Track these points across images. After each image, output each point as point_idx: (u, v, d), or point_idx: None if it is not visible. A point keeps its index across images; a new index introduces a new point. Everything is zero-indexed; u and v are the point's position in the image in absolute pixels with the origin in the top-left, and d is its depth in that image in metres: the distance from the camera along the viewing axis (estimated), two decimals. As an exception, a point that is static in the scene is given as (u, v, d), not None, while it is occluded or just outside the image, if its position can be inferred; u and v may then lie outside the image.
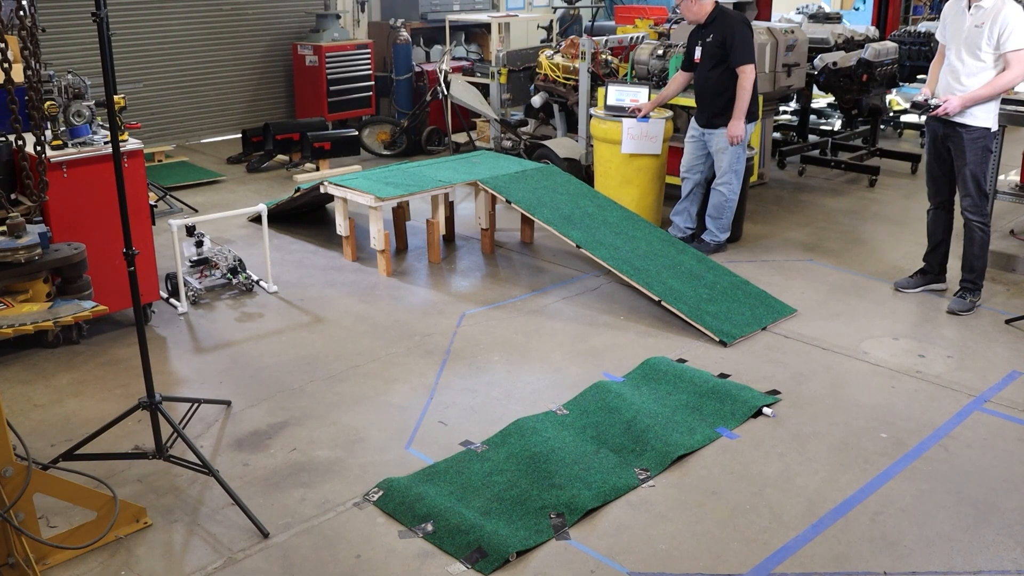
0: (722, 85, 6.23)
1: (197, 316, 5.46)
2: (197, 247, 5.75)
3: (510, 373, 4.75)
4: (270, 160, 8.83)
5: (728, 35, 6.15)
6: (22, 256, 4.06)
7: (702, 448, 4.05)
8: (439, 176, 6.40)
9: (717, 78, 6.24)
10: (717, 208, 6.44)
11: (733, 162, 6.31)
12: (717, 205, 6.43)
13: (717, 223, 6.48)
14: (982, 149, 5.29)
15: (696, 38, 6.37)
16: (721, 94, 6.24)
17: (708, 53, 6.25)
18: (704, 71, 6.31)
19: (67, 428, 4.18)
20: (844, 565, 3.32)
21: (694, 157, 6.52)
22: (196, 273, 5.73)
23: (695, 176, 6.55)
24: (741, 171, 6.41)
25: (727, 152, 6.29)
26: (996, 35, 5.05)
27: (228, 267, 5.79)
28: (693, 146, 6.51)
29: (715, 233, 6.50)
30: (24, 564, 3.06)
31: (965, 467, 3.93)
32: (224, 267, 5.79)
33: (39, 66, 4.13)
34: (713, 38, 6.21)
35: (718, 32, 6.19)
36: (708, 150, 6.45)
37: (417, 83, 9.88)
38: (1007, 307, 5.60)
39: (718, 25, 6.22)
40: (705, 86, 6.33)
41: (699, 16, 6.27)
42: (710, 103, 6.32)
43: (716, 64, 6.22)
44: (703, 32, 6.29)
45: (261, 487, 3.76)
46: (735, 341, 5.10)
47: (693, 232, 6.65)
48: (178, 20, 9.43)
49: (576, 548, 3.40)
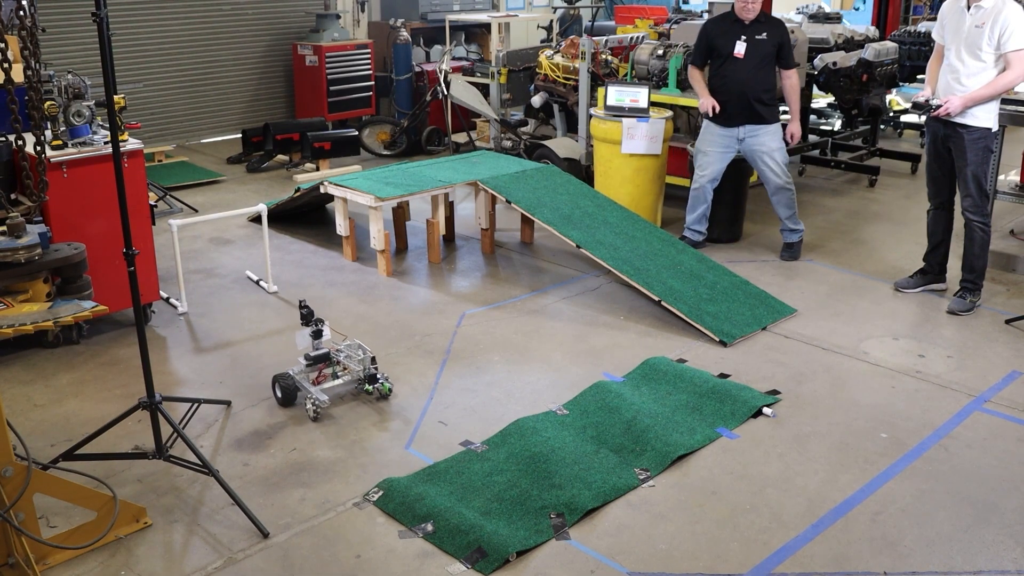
0: (768, 83, 6.23)
1: (197, 316, 5.46)
2: (315, 337, 4.40)
3: (510, 373, 4.75)
4: (270, 160, 8.84)
5: (785, 38, 6.20)
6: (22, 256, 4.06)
7: (702, 448, 4.05)
8: (439, 176, 6.40)
9: (767, 76, 6.23)
10: (791, 202, 6.40)
11: (785, 157, 6.34)
12: (790, 199, 6.38)
13: (794, 219, 6.46)
14: (983, 149, 5.29)
15: (737, 34, 6.24)
16: (767, 92, 6.23)
17: (758, 51, 6.18)
18: (748, 68, 6.21)
19: (67, 428, 4.18)
20: (844, 565, 3.32)
21: (722, 169, 6.40)
22: (313, 372, 4.42)
23: (716, 183, 6.46)
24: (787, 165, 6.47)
25: (780, 151, 6.29)
26: (997, 35, 5.05)
27: (363, 371, 4.43)
28: (724, 155, 6.36)
29: (795, 232, 6.46)
30: (24, 564, 3.06)
31: (965, 467, 3.93)
32: (357, 369, 4.44)
33: (39, 66, 4.13)
34: (768, 37, 6.18)
35: (774, 33, 6.19)
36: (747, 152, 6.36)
37: (417, 83, 9.88)
38: (1007, 307, 5.60)
39: (771, 26, 6.22)
40: (750, 84, 6.21)
41: (755, 12, 6.21)
42: (754, 101, 6.22)
43: (763, 62, 6.20)
44: (750, 29, 6.22)
45: (261, 487, 3.76)
46: (735, 341, 5.10)
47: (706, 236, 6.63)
48: (178, 20, 9.43)
49: (576, 548, 3.40)
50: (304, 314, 4.37)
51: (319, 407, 4.25)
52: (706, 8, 8.68)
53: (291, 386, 4.37)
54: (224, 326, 5.33)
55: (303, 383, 4.35)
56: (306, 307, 4.41)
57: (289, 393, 4.37)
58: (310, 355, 4.36)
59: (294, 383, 4.38)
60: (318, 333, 4.37)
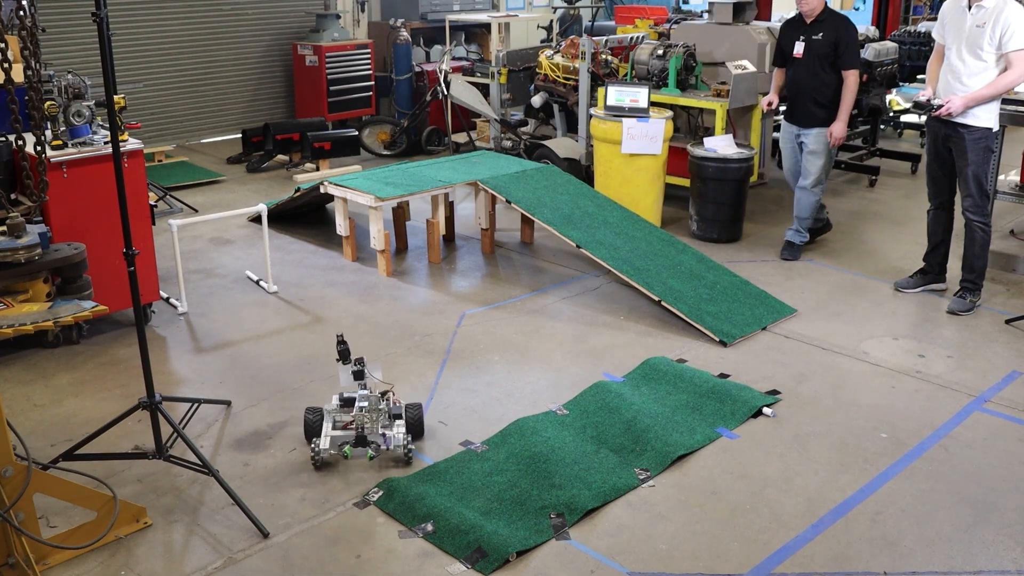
0: (825, 84, 6.22)
1: (197, 316, 5.46)
2: (356, 378, 3.98)
3: (510, 373, 4.75)
4: (270, 160, 8.83)
5: (842, 37, 6.15)
6: (22, 256, 4.07)
7: (702, 448, 4.05)
8: (439, 176, 6.40)
9: (820, 77, 6.22)
10: (810, 208, 6.44)
11: (826, 163, 6.34)
12: (811, 205, 6.42)
13: (806, 223, 6.50)
14: (984, 149, 5.29)
15: (797, 33, 6.29)
16: (823, 93, 6.22)
17: (815, 51, 6.19)
18: (808, 68, 6.23)
19: (67, 428, 4.18)
20: (844, 565, 3.32)
21: (797, 161, 6.47)
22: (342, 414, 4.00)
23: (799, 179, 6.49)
24: (829, 170, 6.47)
25: (821, 155, 6.30)
26: (998, 35, 5.05)
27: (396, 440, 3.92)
28: (793, 149, 6.45)
29: (803, 233, 6.51)
30: (24, 564, 3.06)
31: (965, 467, 3.93)
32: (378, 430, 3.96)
33: (39, 66, 4.14)
34: (824, 37, 6.17)
35: (830, 32, 6.17)
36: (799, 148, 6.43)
37: (417, 83, 9.89)
38: (1007, 307, 5.60)
39: (830, 25, 6.20)
40: (806, 83, 6.25)
41: (816, 10, 6.22)
42: (809, 101, 6.26)
43: (822, 63, 6.19)
44: (809, 29, 6.23)
45: (261, 487, 3.76)
46: (735, 341, 5.10)
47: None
48: (178, 20, 9.43)
49: (576, 548, 3.40)
50: (342, 351, 3.96)
51: (318, 456, 3.85)
52: (706, 8, 8.66)
53: (313, 421, 4.02)
54: (224, 326, 5.33)
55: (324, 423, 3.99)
56: (343, 343, 3.97)
57: (310, 428, 4.02)
58: (343, 395, 4.04)
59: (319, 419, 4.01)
60: (359, 373, 3.95)
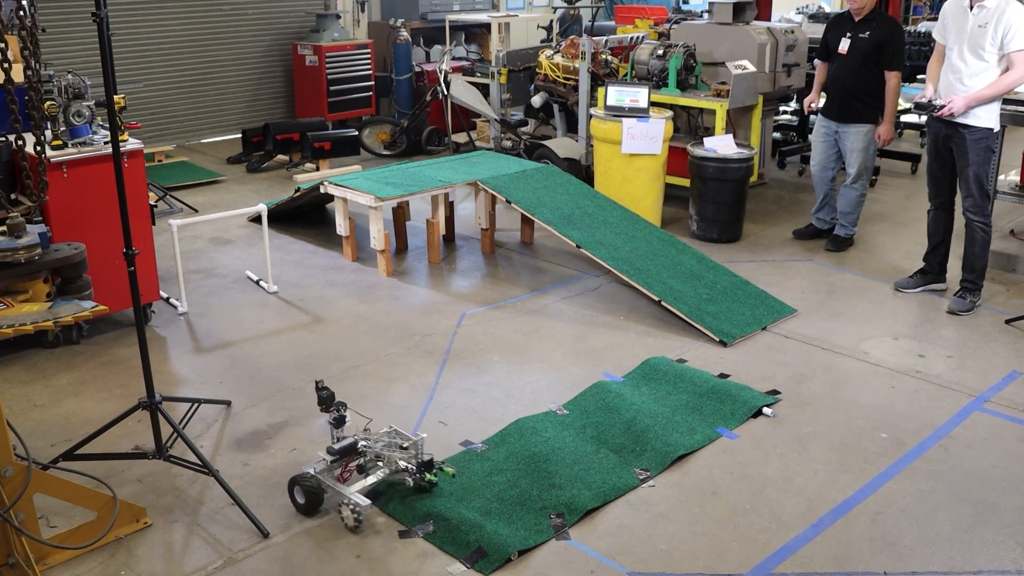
0: (865, 82, 6.25)
1: (197, 316, 5.46)
2: (336, 426, 3.60)
3: (510, 373, 4.75)
4: (270, 160, 8.83)
5: (889, 38, 6.19)
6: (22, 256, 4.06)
7: (702, 448, 4.05)
8: (439, 176, 6.40)
9: (862, 75, 6.25)
10: (854, 204, 6.55)
11: (867, 160, 6.41)
12: (854, 201, 6.53)
13: (850, 218, 6.60)
14: (984, 149, 5.29)
15: (844, 30, 6.33)
16: (864, 90, 6.26)
17: (860, 49, 6.23)
18: (850, 65, 6.28)
19: (67, 428, 4.18)
20: (844, 565, 3.32)
21: (827, 156, 6.58)
22: (339, 468, 3.60)
23: (828, 173, 6.64)
24: (871, 168, 6.56)
25: (862, 152, 6.37)
26: (1000, 35, 5.05)
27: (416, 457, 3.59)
28: (825, 143, 6.56)
29: (849, 228, 6.63)
30: (24, 564, 3.06)
31: (965, 467, 3.93)
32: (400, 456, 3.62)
33: (39, 66, 4.13)
34: (870, 36, 6.20)
35: (877, 32, 6.20)
36: (839, 145, 6.50)
37: (417, 83, 9.89)
38: (1007, 307, 5.60)
39: (878, 25, 6.24)
40: (847, 80, 6.30)
41: (865, 8, 6.24)
42: (850, 97, 6.31)
43: (865, 61, 6.22)
44: (857, 27, 6.26)
45: (261, 487, 3.76)
46: (735, 341, 5.10)
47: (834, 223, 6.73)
48: (178, 20, 9.43)
49: (576, 548, 3.40)
50: (323, 397, 3.59)
51: (360, 515, 3.43)
52: (706, 8, 8.66)
53: (315, 488, 3.54)
54: (224, 326, 5.33)
55: (331, 483, 3.54)
56: (324, 388, 3.60)
57: (314, 497, 3.54)
58: (334, 448, 3.57)
59: (319, 484, 3.54)
60: (340, 420, 3.59)
